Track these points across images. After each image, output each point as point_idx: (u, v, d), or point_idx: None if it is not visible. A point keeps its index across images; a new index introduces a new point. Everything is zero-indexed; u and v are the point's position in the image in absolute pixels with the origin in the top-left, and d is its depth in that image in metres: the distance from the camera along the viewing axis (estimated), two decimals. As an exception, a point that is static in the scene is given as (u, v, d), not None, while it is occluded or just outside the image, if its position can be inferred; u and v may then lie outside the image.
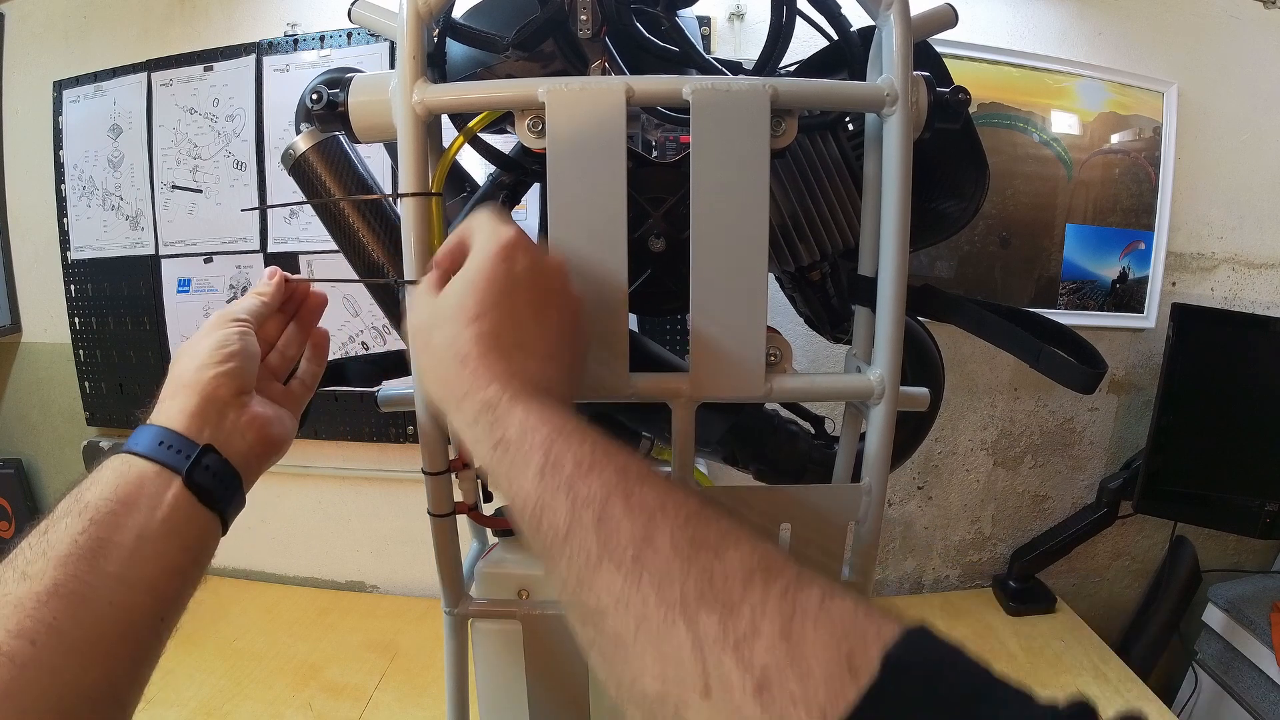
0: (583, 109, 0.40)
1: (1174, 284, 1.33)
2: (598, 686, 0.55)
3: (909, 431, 0.58)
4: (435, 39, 0.45)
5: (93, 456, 1.40)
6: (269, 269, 0.46)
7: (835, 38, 0.50)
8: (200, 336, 0.41)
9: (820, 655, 0.21)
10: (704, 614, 0.23)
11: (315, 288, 0.48)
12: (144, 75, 1.29)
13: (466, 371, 0.33)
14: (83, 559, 0.31)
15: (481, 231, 0.36)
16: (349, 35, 1.23)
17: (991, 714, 0.19)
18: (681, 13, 0.48)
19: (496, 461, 0.30)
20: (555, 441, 0.29)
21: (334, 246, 0.53)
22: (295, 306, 0.47)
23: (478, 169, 0.58)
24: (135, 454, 0.36)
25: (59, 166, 1.36)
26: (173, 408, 0.38)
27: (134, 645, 0.33)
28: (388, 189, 0.49)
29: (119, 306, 1.37)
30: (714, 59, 0.48)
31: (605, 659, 0.25)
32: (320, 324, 0.49)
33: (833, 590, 0.24)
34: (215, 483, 0.37)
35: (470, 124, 0.44)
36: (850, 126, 0.52)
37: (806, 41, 0.51)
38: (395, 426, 1.31)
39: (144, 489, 0.35)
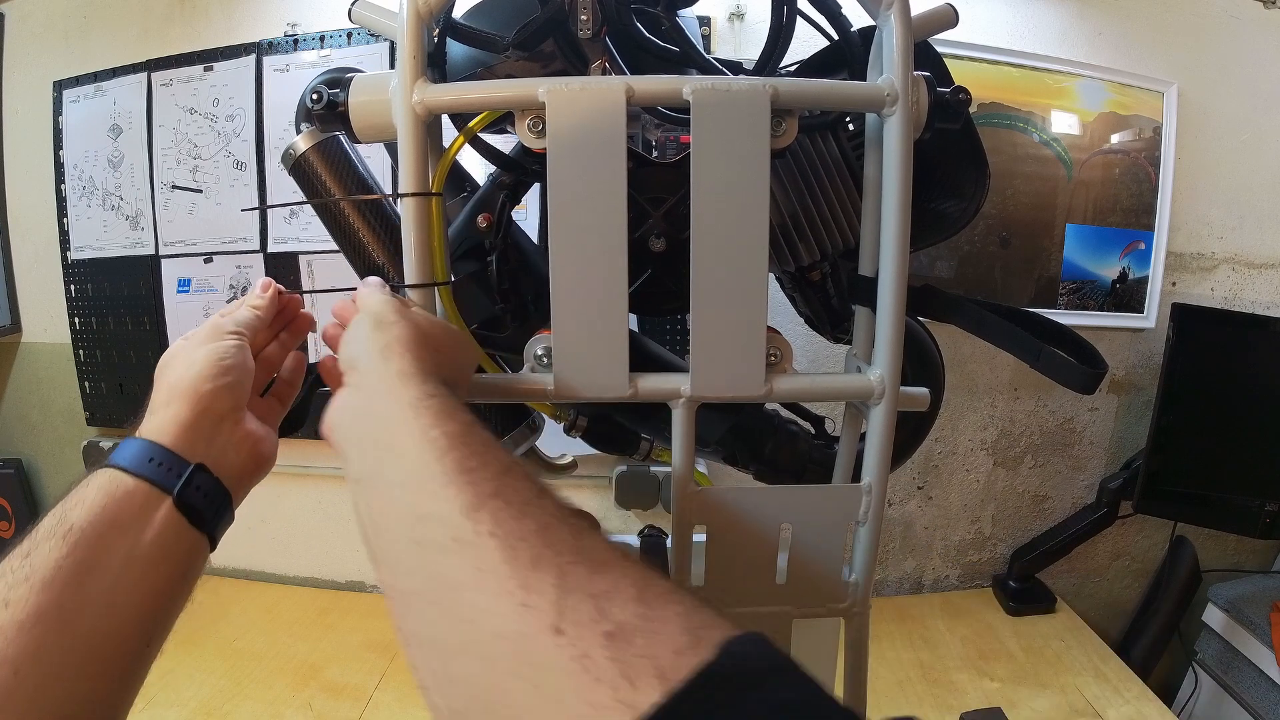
0: (583, 109, 0.40)
1: (1174, 284, 1.33)
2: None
3: (909, 431, 0.58)
4: (435, 39, 0.45)
5: (93, 456, 1.40)
6: (262, 280, 0.45)
7: (835, 38, 0.50)
8: (194, 345, 0.40)
9: (670, 623, 0.22)
10: (575, 563, 0.24)
11: (304, 306, 0.48)
12: (144, 75, 1.29)
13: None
14: (67, 584, 0.30)
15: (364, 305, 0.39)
16: (349, 35, 1.23)
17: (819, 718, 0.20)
18: (681, 13, 0.48)
19: (421, 405, 0.31)
20: (474, 422, 0.31)
21: (334, 246, 0.53)
22: (284, 320, 0.47)
23: (478, 169, 0.58)
24: (124, 470, 0.35)
25: (59, 166, 1.36)
26: (165, 419, 0.37)
27: (119, 668, 0.32)
28: (388, 189, 0.49)
29: (119, 306, 1.37)
30: (714, 59, 0.48)
31: (445, 594, 0.25)
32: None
33: (682, 588, 0.24)
34: (205, 503, 0.36)
35: (470, 124, 0.44)
36: (850, 126, 0.52)
37: (807, 41, 0.51)
38: (395, 426, 1.31)
39: (132, 508, 0.34)
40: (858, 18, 0.46)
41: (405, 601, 0.27)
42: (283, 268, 1.29)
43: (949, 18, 0.45)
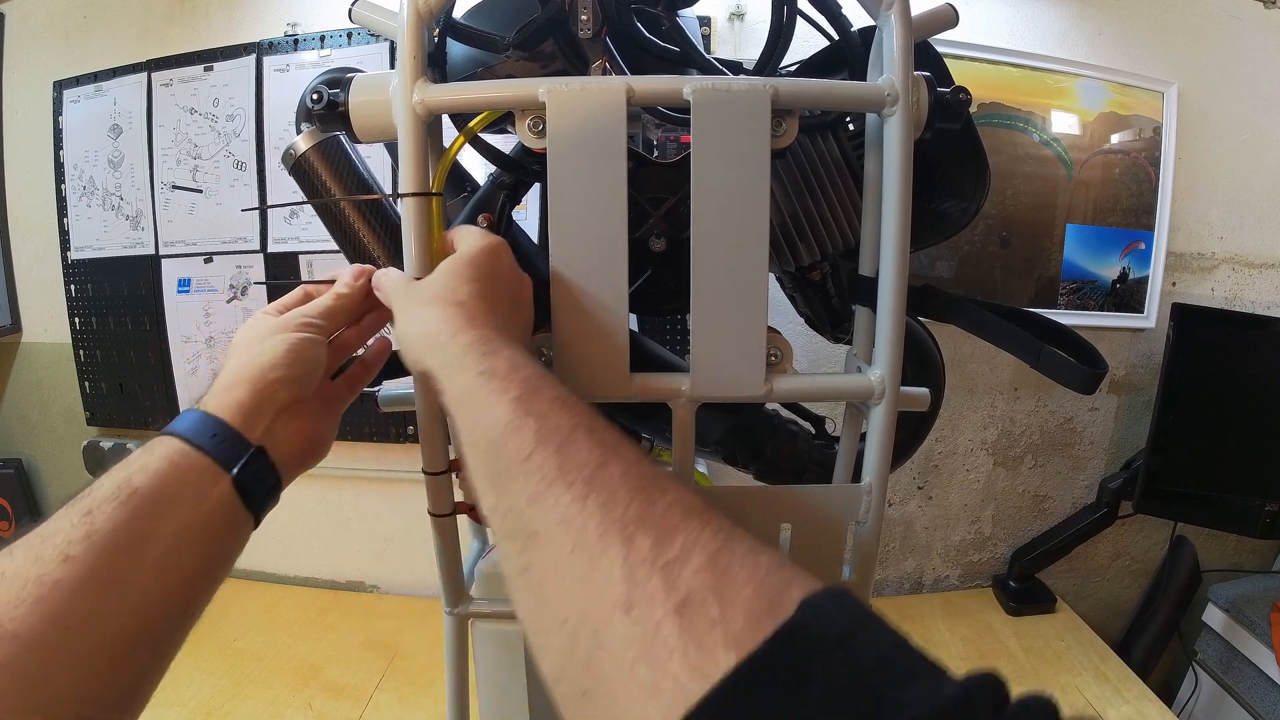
0: (583, 109, 0.40)
1: (1174, 284, 1.33)
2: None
3: (909, 431, 0.58)
4: (435, 39, 0.45)
5: (93, 456, 1.40)
6: (355, 268, 0.45)
7: (836, 38, 0.50)
8: (272, 330, 0.40)
9: (743, 589, 0.22)
10: (640, 535, 0.24)
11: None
12: (144, 75, 1.29)
13: (464, 313, 0.36)
14: (125, 549, 0.31)
15: (471, 233, 0.41)
16: (349, 35, 1.23)
17: (900, 676, 0.19)
18: (682, 13, 0.48)
19: (477, 387, 0.32)
20: (535, 380, 0.31)
21: (334, 246, 0.53)
22: (369, 308, 0.47)
23: (478, 169, 0.58)
24: (190, 442, 0.35)
25: (59, 166, 1.36)
26: (229, 400, 0.37)
27: (160, 639, 0.33)
28: (388, 189, 0.49)
29: (119, 306, 1.37)
30: (714, 59, 0.48)
31: (534, 583, 0.26)
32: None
33: (763, 545, 0.25)
34: (258, 485, 0.37)
35: (471, 124, 0.44)
36: (851, 126, 0.52)
37: (807, 41, 0.51)
38: (395, 426, 1.31)
39: (191, 480, 0.34)
40: (858, 18, 0.46)
41: (510, 585, 0.29)
42: (283, 268, 1.29)
43: (949, 18, 0.45)
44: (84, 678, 0.29)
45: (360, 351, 0.48)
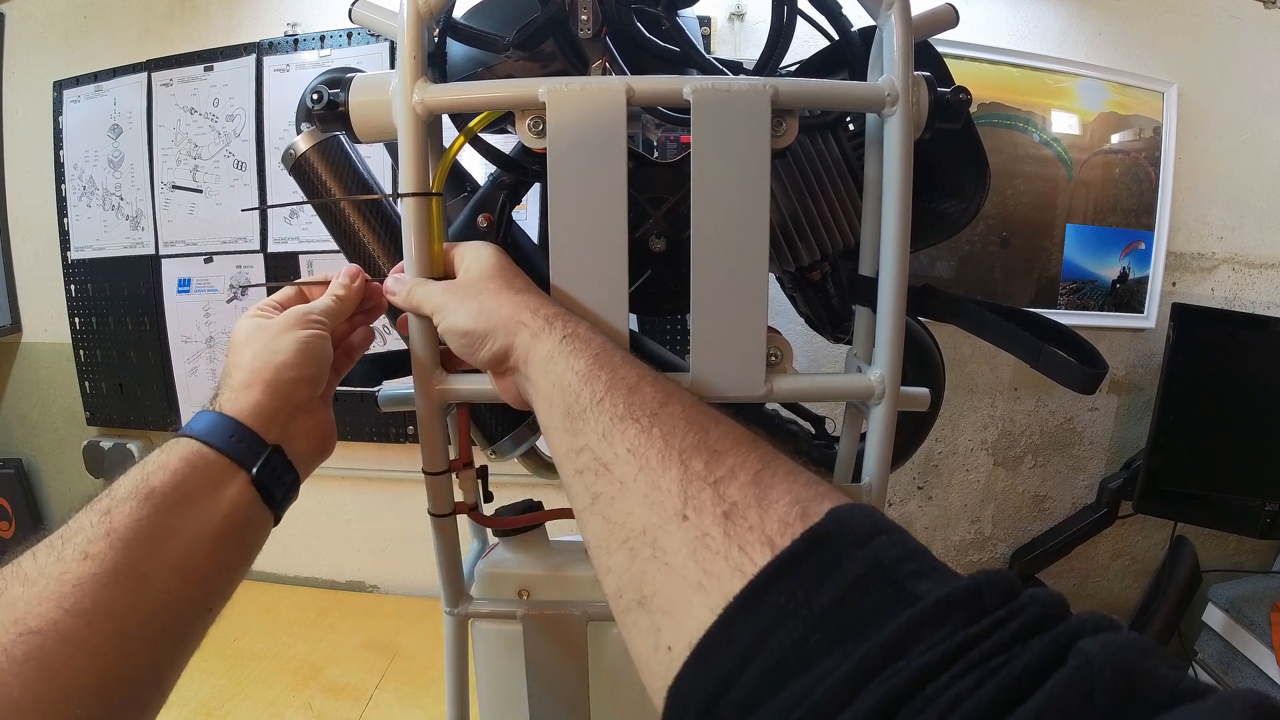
0: (583, 109, 0.40)
1: (1174, 284, 1.33)
2: (598, 687, 0.55)
3: (909, 432, 0.58)
4: (435, 39, 0.45)
5: (93, 456, 1.40)
6: (350, 268, 0.46)
7: (836, 38, 0.50)
8: (277, 330, 0.40)
9: (781, 499, 0.25)
10: (695, 458, 0.28)
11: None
12: (144, 75, 1.29)
13: (536, 297, 0.39)
14: (144, 545, 0.31)
15: (479, 245, 0.43)
16: (349, 35, 1.23)
17: (917, 571, 0.22)
18: (682, 13, 0.48)
19: (561, 348, 0.35)
20: (609, 344, 0.36)
21: (334, 246, 0.53)
22: (363, 308, 0.47)
23: (478, 169, 0.58)
24: (207, 443, 0.36)
25: (59, 166, 1.36)
26: (246, 400, 0.38)
27: (181, 634, 0.33)
28: (388, 189, 0.49)
29: (119, 306, 1.37)
30: (714, 59, 0.48)
31: (604, 507, 0.29)
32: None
33: (801, 468, 0.28)
34: (277, 483, 0.37)
35: (471, 124, 0.44)
36: (851, 126, 0.52)
37: (807, 41, 0.51)
38: (395, 426, 1.31)
39: (210, 479, 0.35)
40: (858, 18, 0.46)
41: (581, 520, 0.32)
42: (283, 268, 1.29)
43: (949, 18, 0.45)
44: (106, 670, 0.29)
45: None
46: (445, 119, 0.46)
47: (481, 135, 0.46)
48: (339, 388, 0.47)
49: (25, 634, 0.27)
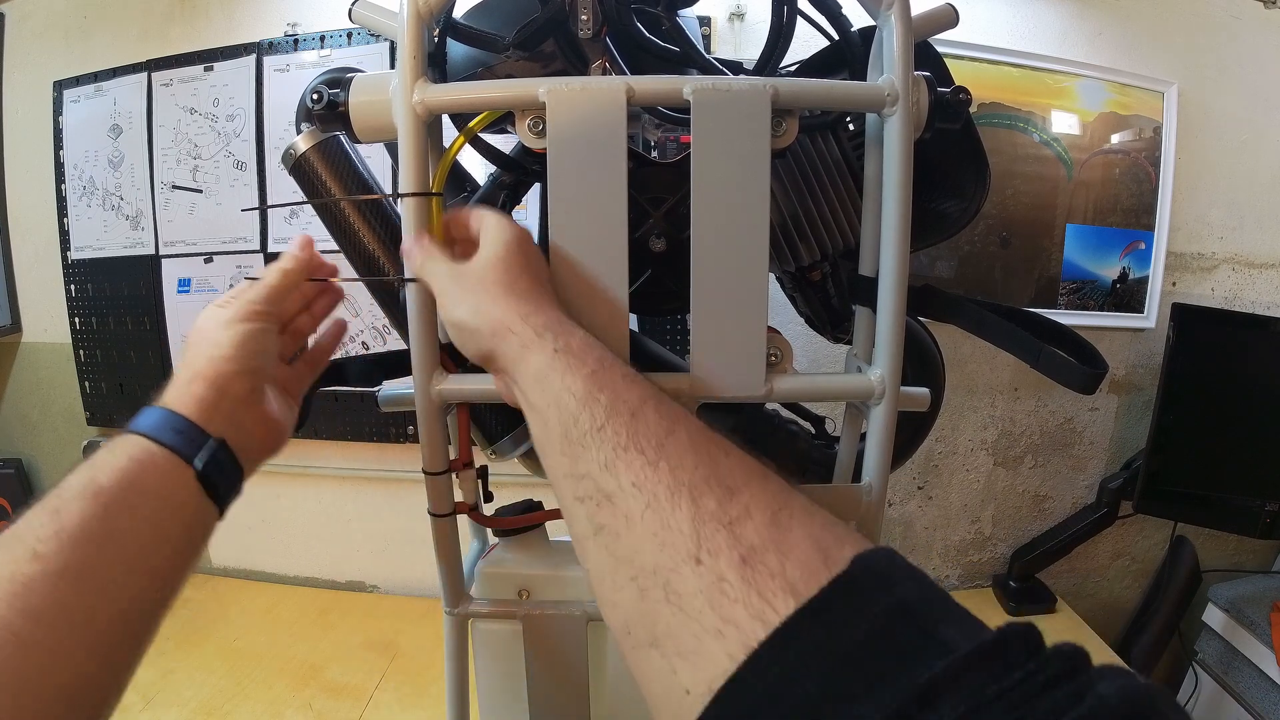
0: (583, 109, 0.40)
1: (1174, 284, 1.33)
2: (598, 686, 0.55)
3: (909, 431, 0.58)
4: (435, 39, 0.45)
5: (93, 456, 1.40)
6: (302, 236, 0.45)
7: (836, 38, 0.50)
8: (221, 323, 0.40)
9: (801, 544, 0.24)
10: (706, 495, 0.27)
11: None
12: (144, 75, 1.29)
13: (530, 299, 0.37)
14: (94, 543, 0.31)
15: (500, 220, 0.41)
16: (349, 35, 1.23)
17: (944, 619, 0.22)
18: (682, 13, 0.48)
19: (554, 363, 0.34)
20: (606, 357, 0.34)
21: (334, 246, 0.53)
22: (317, 289, 0.47)
23: (478, 169, 0.58)
24: (150, 438, 0.36)
25: (59, 166, 1.36)
26: (187, 394, 0.38)
27: (136, 630, 0.33)
28: (388, 189, 0.49)
29: (119, 306, 1.37)
30: (714, 59, 0.48)
31: (608, 541, 0.29)
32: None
33: (816, 505, 0.27)
34: (221, 476, 0.37)
35: (470, 124, 0.44)
36: (851, 126, 0.52)
37: (807, 41, 0.51)
38: (395, 426, 1.31)
39: (156, 475, 0.35)
40: (858, 18, 0.46)
41: (581, 546, 0.31)
42: (283, 268, 1.29)
43: (949, 18, 0.45)
44: (63, 671, 0.29)
45: (318, 334, 0.49)
46: (445, 119, 0.46)
47: (481, 135, 0.46)
48: (338, 388, 0.47)
49: None
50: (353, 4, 0.45)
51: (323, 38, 1.23)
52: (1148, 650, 1.33)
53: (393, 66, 0.43)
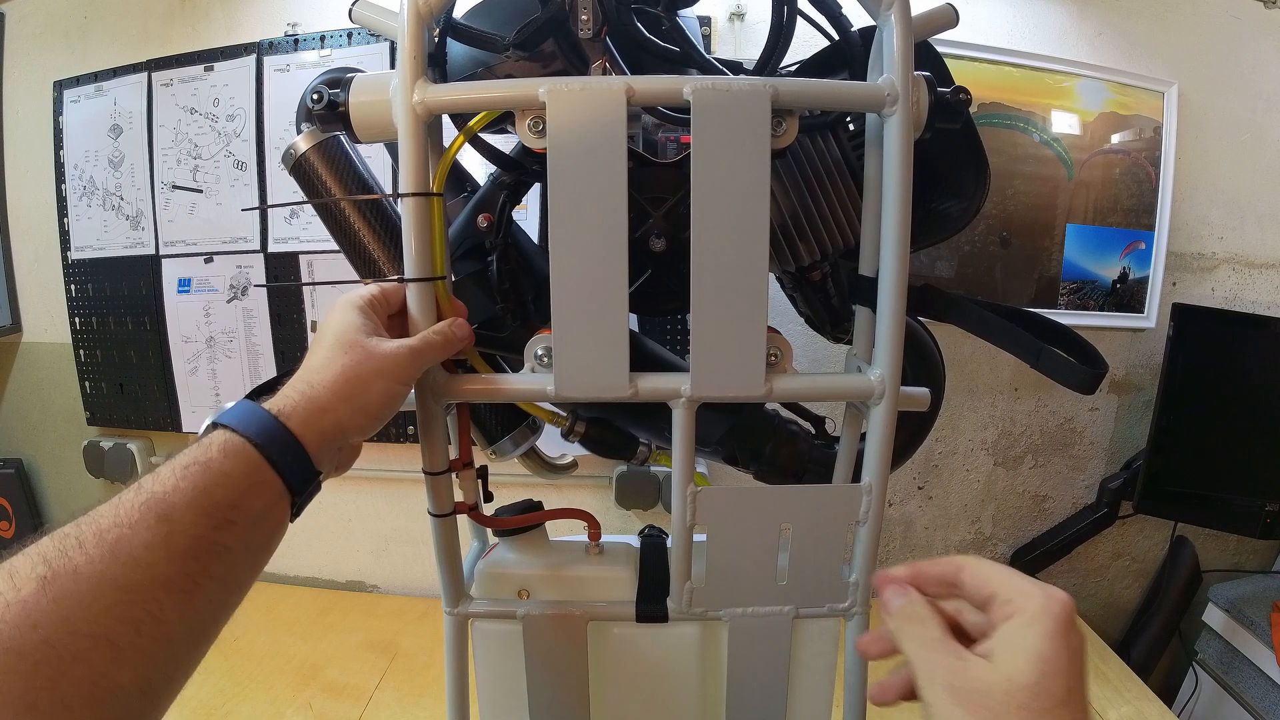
0: (583, 109, 0.40)
1: (1174, 284, 1.33)
2: (598, 686, 0.55)
3: (909, 432, 0.58)
4: (436, 39, 0.45)
5: (93, 456, 1.40)
6: (458, 322, 0.44)
7: (836, 38, 0.50)
8: (376, 370, 0.39)
9: None
10: None
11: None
12: (144, 75, 1.29)
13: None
14: (198, 558, 0.31)
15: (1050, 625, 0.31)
16: (349, 35, 1.22)
17: None
18: (682, 13, 0.48)
19: None
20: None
21: (334, 246, 0.53)
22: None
23: (478, 169, 0.58)
24: (270, 461, 0.35)
25: (59, 166, 1.36)
26: (318, 424, 0.37)
27: (213, 635, 0.34)
28: (388, 189, 0.49)
29: (119, 306, 1.37)
30: (714, 59, 0.48)
31: None
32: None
33: None
34: (305, 504, 0.38)
35: (470, 123, 0.44)
36: (851, 126, 0.52)
37: (807, 41, 0.51)
38: (395, 426, 1.31)
39: (264, 500, 0.35)
40: (858, 18, 0.46)
41: None
42: (283, 268, 1.29)
43: (949, 18, 0.45)
44: (151, 672, 0.29)
45: None
46: (445, 119, 0.46)
47: (481, 135, 0.46)
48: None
49: (74, 635, 0.27)
50: (353, 4, 0.45)
51: (323, 38, 1.23)
52: (1148, 650, 1.33)
53: (393, 66, 0.43)
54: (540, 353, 0.45)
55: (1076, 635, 0.28)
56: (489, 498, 0.53)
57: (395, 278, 0.50)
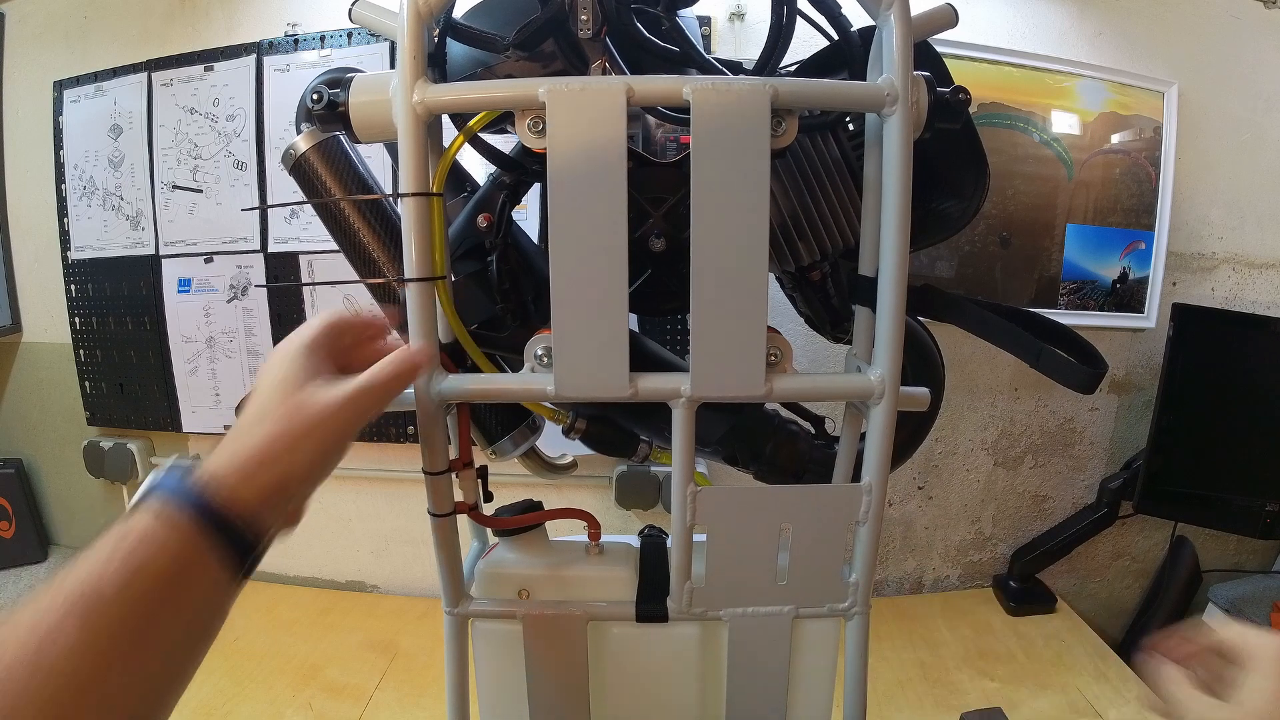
0: (583, 109, 0.40)
1: (1174, 284, 1.33)
2: (598, 687, 0.55)
3: (909, 431, 0.58)
4: (435, 39, 0.45)
5: (93, 456, 1.40)
6: (415, 350, 0.42)
7: (835, 38, 0.50)
8: (317, 422, 0.36)
9: None
10: None
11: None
12: (144, 75, 1.29)
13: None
14: (132, 641, 0.30)
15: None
16: (349, 35, 1.23)
17: None
18: (682, 13, 0.48)
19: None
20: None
21: (334, 246, 0.53)
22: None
23: (478, 169, 0.58)
24: (211, 541, 0.32)
25: (59, 166, 1.36)
26: (260, 481, 0.34)
27: (168, 707, 0.32)
28: (388, 189, 0.49)
29: (119, 306, 1.37)
30: (714, 59, 0.48)
31: None
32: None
33: None
34: (251, 571, 0.35)
35: (470, 123, 0.44)
36: (850, 126, 0.52)
37: (807, 41, 0.51)
38: (395, 426, 1.31)
39: (206, 579, 0.33)
40: (858, 18, 0.46)
41: None
42: (283, 268, 1.29)
43: (949, 18, 0.45)
44: None
45: None
46: (445, 119, 0.46)
47: (481, 135, 0.46)
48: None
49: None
50: (353, 4, 0.45)
51: (323, 38, 1.23)
52: (1148, 650, 1.33)
53: (393, 66, 0.43)
54: (540, 353, 0.45)
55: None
56: (489, 498, 0.53)
57: (395, 278, 0.50)
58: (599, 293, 0.42)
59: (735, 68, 0.49)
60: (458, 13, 0.47)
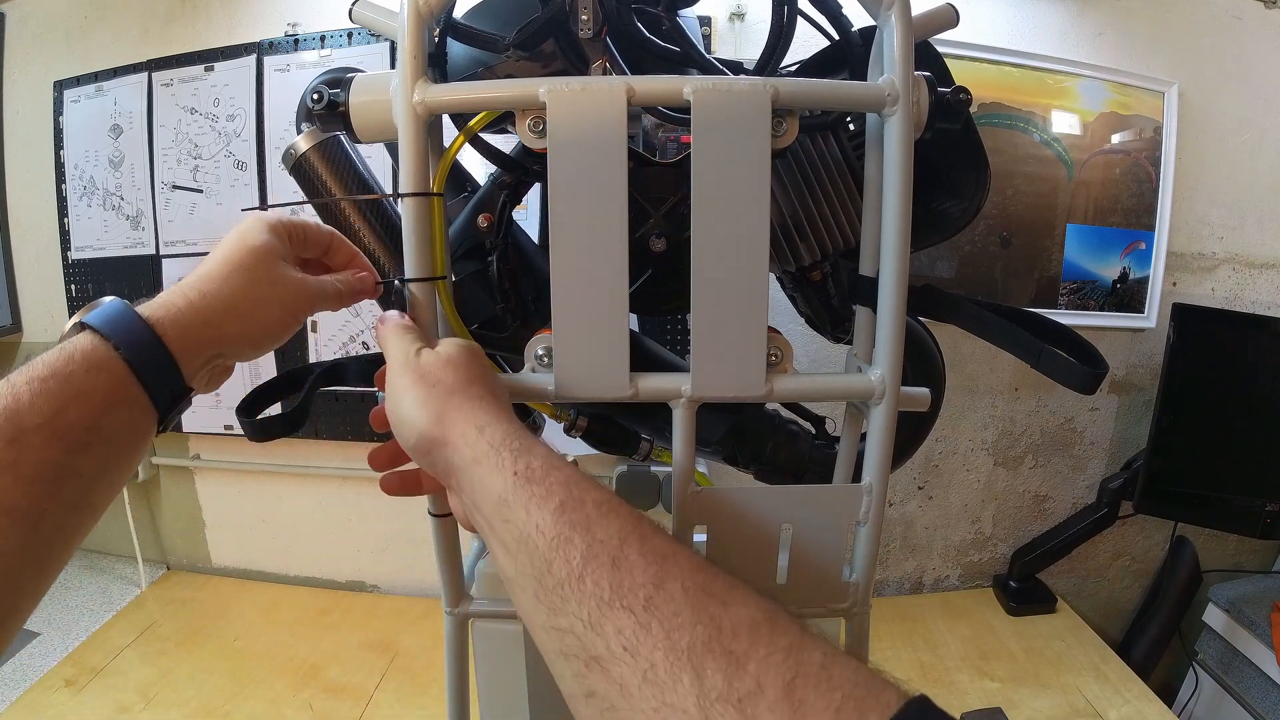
0: (584, 109, 0.40)
1: (1174, 284, 1.33)
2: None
3: (909, 431, 0.58)
4: (436, 39, 0.45)
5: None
6: (361, 275, 0.45)
7: (836, 38, 0.50)
8: (279, 296, 0.38)
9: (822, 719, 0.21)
10: (710, 666, 0.23)
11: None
12: (144, 75, 1.29)
13: (484, 407, 0.34)
14: (46, 484, 0.29)
15: (453, 339, 0.40)
16: (349, 35, 1.23)
17: None
18: (682, 12, 0.48)
19: (515, 491, 0.30)
20: (574, 481, 0.30)
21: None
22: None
23: (478, 169, 0.58)
24: (137, 375, 0.32)
25: (59, 166, 1.36)
26: (199, 335, 0.34)
27: (60, 562, 0.31)
28: (388, 189, 0.49)
29: (119, 306, 1.37)
30: (715, 59, 0.48)
31: (599, 706, 0.25)
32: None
33: (834, 653, 0.24)
34: (172, 422, 0.36)
35: (471, 123, 0.44)
36: (851, 126, 0.52)
37: (807, 41, 0.51)
38: (395, 426, 1.31)
39: (123, 417, 0.32)
40: (858, 18, 0.46)
41: (572, 703, 0.27)
42: (283, 268, 1.29)
43: (949, 18, 0.45)
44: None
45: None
46: (445, 119, 0.46)
47: (481, 135, 0.46)
48: (338, 388, 0.47)
49: None
50: (353, 4, 0.45)
51: (323, 38, 1.23)
52: (1148, 650, 1.33)
53: (393, 66, 0.43)
54: (540, 353, 0.45)
55: (478, 362, 0.38)
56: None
57: (396, 278, 0.50)
58: (599, 293, 0.42)
59: (736, 68, 0.49)
60: (458, 13, 0.47)
